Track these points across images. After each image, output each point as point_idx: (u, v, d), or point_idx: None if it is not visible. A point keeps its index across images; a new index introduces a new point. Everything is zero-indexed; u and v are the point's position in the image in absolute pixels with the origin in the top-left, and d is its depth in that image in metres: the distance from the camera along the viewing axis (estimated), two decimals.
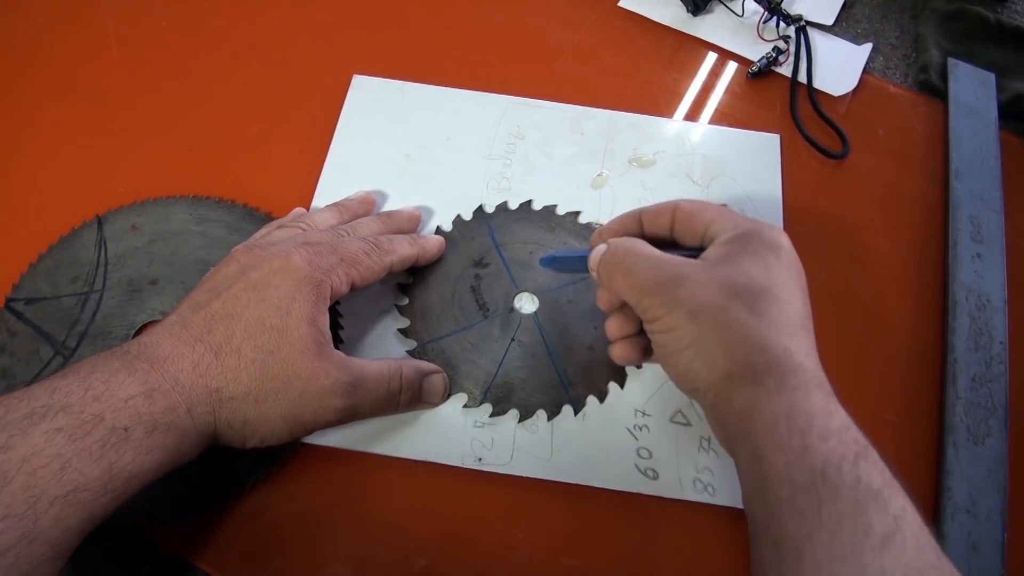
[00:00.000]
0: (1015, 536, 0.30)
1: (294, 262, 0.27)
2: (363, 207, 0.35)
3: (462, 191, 0.38)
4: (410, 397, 0.30)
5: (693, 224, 0.28)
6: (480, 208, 0.37)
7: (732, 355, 0.24)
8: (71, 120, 0.40)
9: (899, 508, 0.21)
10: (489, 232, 0.36)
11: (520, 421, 0.31)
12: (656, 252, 0.27)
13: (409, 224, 0.35)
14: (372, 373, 0.28)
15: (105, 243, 0.34)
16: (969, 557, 0.30)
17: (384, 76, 0.42)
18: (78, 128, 0.40)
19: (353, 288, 0.29)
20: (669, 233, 0.29)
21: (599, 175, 0.39)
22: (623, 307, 0.29)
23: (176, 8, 0.45)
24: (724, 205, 0.29)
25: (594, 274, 0.28)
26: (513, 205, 0.37)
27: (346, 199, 0.35)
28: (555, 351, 0.33)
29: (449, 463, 0.30)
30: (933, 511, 0.31)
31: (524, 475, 0.30)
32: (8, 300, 0.32)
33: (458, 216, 0.37)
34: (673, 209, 0.28)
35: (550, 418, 0.31)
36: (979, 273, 0.36)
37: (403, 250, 0.32)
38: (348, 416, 0.27)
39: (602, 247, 0.28)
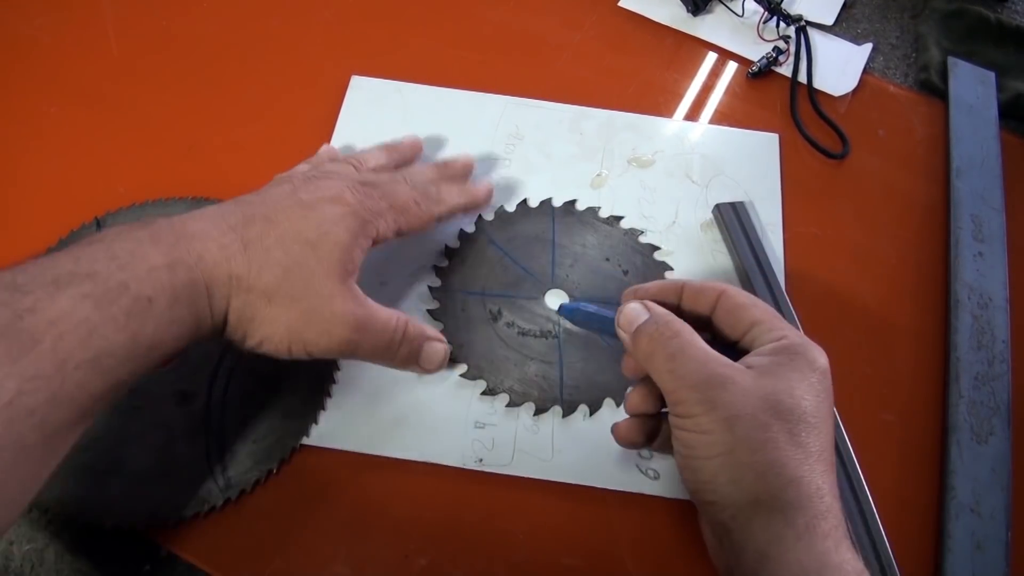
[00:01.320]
0: (1019, 535, 0.31)
1: (346, 198, 0.28)
2: (412, 151, 0.36)
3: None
4: (407, 354, 0.30)
5: (737, 317, 0.27)
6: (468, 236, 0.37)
7: (764, 479, 0.23)
8: (70, 121, 0.41)
9: None
10: (493, 245, 0.37)
11: (591, 414, 0.32)
12: (704, 345, 0.26)
13: (464, 171, 0.36)
14: (381, 318, 0.28)
15: None
16: (973, 556, 0.30)
17: (382, 77, 0.43)
18: (77, 129, 0.40)
19: (398, 235, 0.30)
20: (708, 314, 0.28)
21: (598, 175, 0.40)
22: (647, 380, 0.28)
23: (175, 10, 0.46)
24: (770, 309, 0.27)
25: (622, 335, 0.28)
26: (510, 208, 0.38)
27: (395, 141, 0.36)
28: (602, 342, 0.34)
29: (450, 464, 0.31)
30: (937, 510, 0.32)
31: (525, 476, 0.31)
32: None
33: (447, 250, 0.36)
34: (720, 293, 0.28)
35: (618, 404, 0.33)
36: (981, 272, 0.37)
37: (452, 200, 0.33)
38: (348, 351, 0.28)
39: (640, 313, 0.27)
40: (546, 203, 0.38)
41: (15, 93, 0.42)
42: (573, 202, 0.38)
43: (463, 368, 0.33)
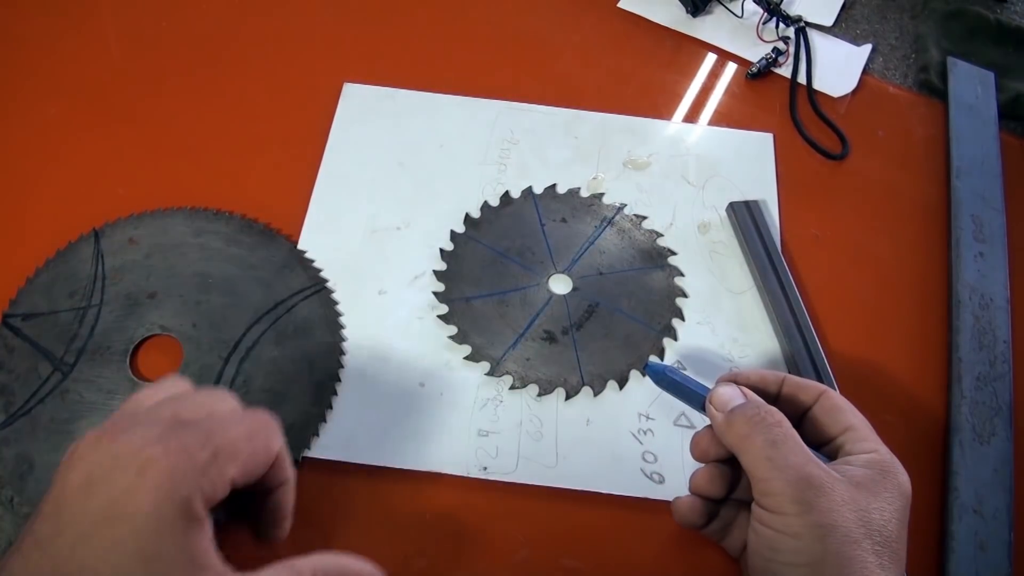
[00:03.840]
0: (1022, 535, 0.33)
1: (150, 478, 0.22)
2: None
3: (457, 198, 0.40)
4: None
5: (834, 418, 0.28)
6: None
7: None
8: (68, 125, 0.42)
9: None
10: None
11: (621, 388, 0.35)
12: (803, 443, 0.26)
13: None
14: None
15: (102, 257, 0.36)
16: (976, 556, 0.32)
17: (376, 83, 0.45)
18: (76, 129, 0.42)
19: (233, 488, 0.24)
20: (806, 408, 0.29)
21: (594, 178, 0.42)
22: (718, 464, 0.29)
23: (173, 15, 0.47)
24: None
25: (714, 413, 0.28)
26: (493, 202, 0.40)
27: None
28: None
29: (454, 473, 0.33)
30: (940, 511, 0.33)
31: (530, 483, 0.32)
32: (5, 316, 0.35)
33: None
34: (821, 393, 0.29)
35: (643, 374, 0.35)
36: (982, 272, 0.39)
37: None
38: None
39: (736, 396, 0.28)
40: (527, 191, 0.41)
41: (14, 94, 0.43)
42: (554, 186, 0.41)
43: (486, 367, 0.35)
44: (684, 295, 0.38)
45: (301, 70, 0.46)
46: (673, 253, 0.39)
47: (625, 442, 0.34)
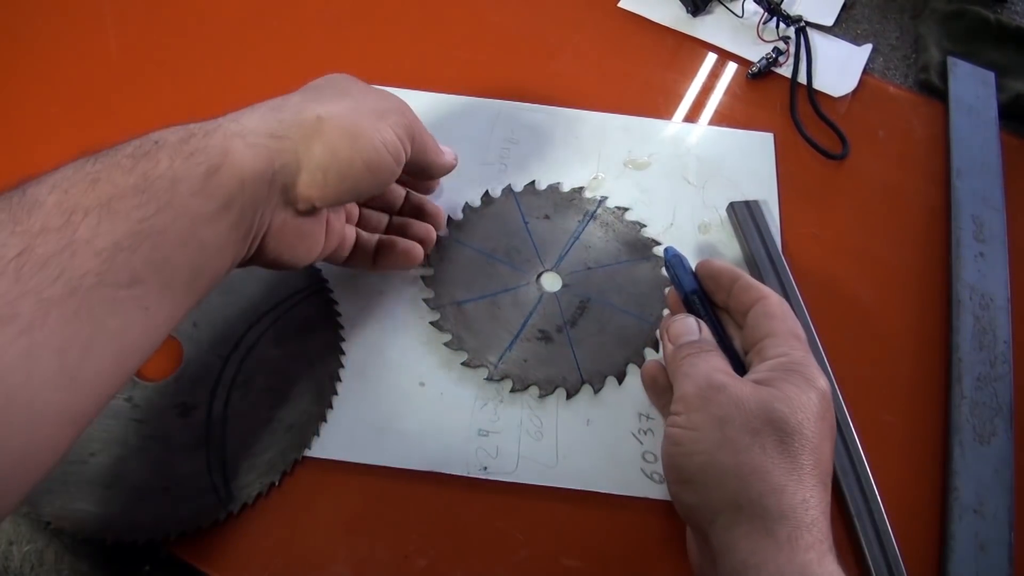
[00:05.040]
0: (1022, 535, 0.33)
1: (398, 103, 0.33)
2: None
3: (457, 197, 0.41)
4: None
5: (761, 324, 0.29)
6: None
7: (746, 485, 0.24)
8: (68, 125, 0.43)
9: None
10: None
11: (620, 383, 0.36)
12: (724, 363, 0.28)
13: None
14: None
15: None
16: (977, 557, 0.32)
17: (376, 83, 0.45)
18: (75, 135, 0.42)
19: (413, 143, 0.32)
20: (743, 312, 0.30)
21: (594, 178, 0.42)
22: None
23: (174, 13, 0.48)
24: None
25: (667, 346, 0.30)
26: (475, 203, 0.40)
27: None
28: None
29: (454, 473, 0.33)
30: (940, 511, 0.34)
31: (530, 483, 0.33)
32: None
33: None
34: (760, 298, 0.29)
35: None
36: (982, 272, 0.40)
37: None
38: (397, 164, 0.31)
39: (691, 332, 0.29)
40: (507, 189, 0.41)
41: (15, 93, 0.44)
42: (533, 183, 0.41)
43: (483, 372, 0.35)
44: None
45: (301, 70, 0.45)
46: (657, 243, 0.39)
47: (625, 442, 0.34)
